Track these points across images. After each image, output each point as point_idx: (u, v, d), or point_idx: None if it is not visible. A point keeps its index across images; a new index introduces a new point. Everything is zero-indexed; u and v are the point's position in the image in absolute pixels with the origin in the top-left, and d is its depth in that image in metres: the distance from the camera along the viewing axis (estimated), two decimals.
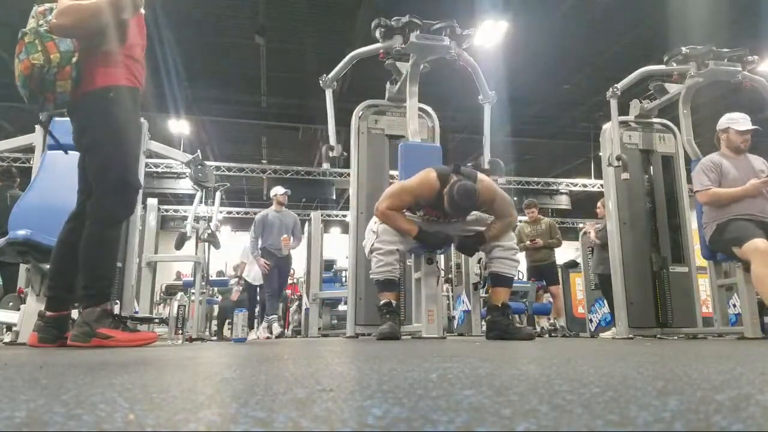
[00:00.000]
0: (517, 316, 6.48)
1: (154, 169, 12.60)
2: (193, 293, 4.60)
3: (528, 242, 6.84)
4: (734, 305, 4.20)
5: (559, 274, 7.34)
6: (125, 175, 2.36)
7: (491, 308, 3.28)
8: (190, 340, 4.05)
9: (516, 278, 3.54)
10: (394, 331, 3.05)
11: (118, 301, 3.49)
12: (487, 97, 4.42)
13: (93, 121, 2.35)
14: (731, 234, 3.55)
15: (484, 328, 4.78)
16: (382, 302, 3.19)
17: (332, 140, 4.36)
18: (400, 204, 3.17)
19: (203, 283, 4.79)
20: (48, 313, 2.34)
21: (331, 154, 4.30)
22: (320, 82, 4.52)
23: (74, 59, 2.26)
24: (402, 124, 4.32)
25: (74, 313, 2.44)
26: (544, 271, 7.03)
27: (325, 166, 4.36)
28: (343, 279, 9.10)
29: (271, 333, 6.23)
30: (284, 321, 10.46)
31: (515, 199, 16.51)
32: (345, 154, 4.41)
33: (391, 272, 3.14)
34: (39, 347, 2.29)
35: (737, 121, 3.82)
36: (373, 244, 3.17)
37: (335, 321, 8.13)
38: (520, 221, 7.33)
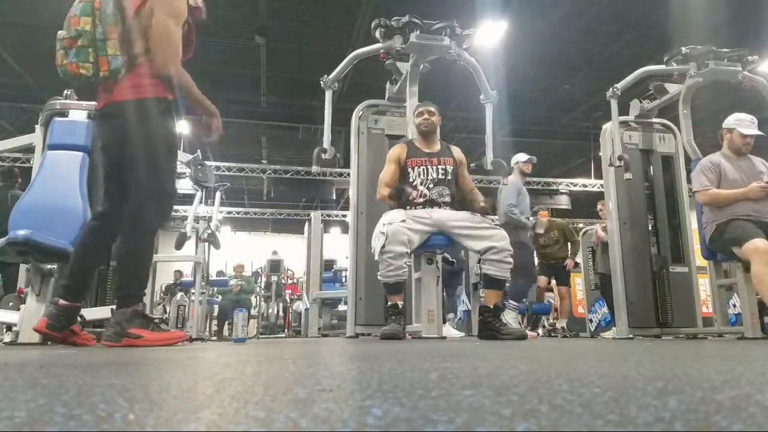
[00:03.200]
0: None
1: None
2: (193, 293, 4.60)
3: (568, 264, 6.68)
4: (734, 305, 4.19)
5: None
6: (168, 184, 2.48)
7: (483, 309, 3.32)
8: (190, 340, 4.05)
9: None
10: (397, 332, 3.08)
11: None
12: (488, 97, 4.40)
13: (143, 130, 2.38)
14: (731, 234, 3.54)
15: None
16: (389, 304, 3.25)
17: (326, 143, 4.30)
18: (389, 177, 3.42)
19: (203, 283, 4.79)
20: (61, 302, 2.40)
21: (323, 157, 4.26)
22: (321, 83, 4.50)
23: (120, 76, 2.32)
24: (402, 124, 4.31)
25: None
26: (557, 270, 6.75)
27: (315, 169, 4.31)
28: (343, 279, 9.11)
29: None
30: (284, 321, 10.49)
31: None
32: (339, 156, 4.37)
33: (400, 276, 3.17)
34: (45, 333, 2.38)
35: (744, 123, 3.79)
36: (383, 246, 3.17)
37: (335, 321, 8.14)
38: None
